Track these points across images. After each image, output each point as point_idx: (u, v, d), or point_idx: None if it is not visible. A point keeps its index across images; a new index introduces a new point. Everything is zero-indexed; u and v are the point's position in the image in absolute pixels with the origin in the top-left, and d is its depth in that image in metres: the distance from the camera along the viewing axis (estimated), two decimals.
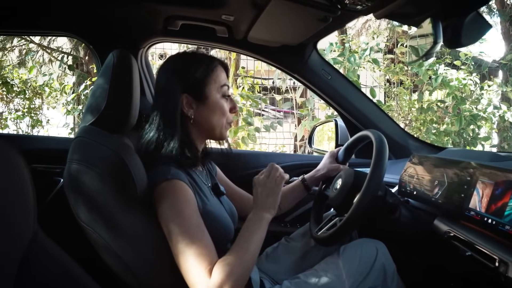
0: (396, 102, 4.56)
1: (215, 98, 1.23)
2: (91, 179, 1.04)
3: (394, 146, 1.84)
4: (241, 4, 1.30)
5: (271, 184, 1.17)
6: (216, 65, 1.26)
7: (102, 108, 1.16)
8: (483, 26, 0.96)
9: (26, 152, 1.70)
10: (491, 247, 0.96)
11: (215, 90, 1.23)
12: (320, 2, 1.12)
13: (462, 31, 0.94)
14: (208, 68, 1.23)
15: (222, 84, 1.25)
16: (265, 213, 1.13)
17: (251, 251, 1.04)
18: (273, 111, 5.96)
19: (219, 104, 1.24)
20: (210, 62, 1.25)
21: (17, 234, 0.70)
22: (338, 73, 1.80)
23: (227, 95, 1.27)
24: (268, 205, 1.15)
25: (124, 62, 1.20)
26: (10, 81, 5.13)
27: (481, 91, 4.06)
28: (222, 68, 1.28)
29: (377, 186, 1.17)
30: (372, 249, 1.30)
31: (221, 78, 1.25)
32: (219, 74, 1.25)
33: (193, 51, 1.30)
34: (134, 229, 1.05)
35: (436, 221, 1.19)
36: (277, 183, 1.18)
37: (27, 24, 1.61)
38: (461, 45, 0.96)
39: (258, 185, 1.19)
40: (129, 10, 1.49)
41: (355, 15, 1.20)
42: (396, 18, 1.09)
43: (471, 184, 1.08)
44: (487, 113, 3.94)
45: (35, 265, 0.73)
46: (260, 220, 1.11)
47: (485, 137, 4.01)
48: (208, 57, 1.27)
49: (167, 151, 1.15)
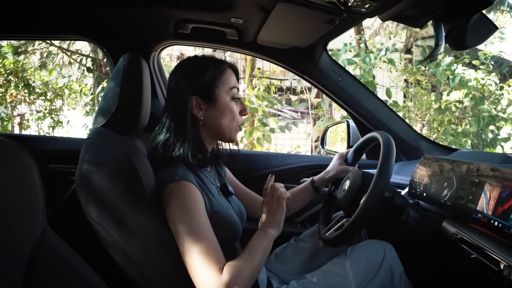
0: (413, 103, 4.51)
1: (224, 100, 1.24)
2: (101, 179, 1.07)
3: (405, 148, 1.83)
4: (249, 7, 1.32)
5: (275, 204, 1.22)
6: (225, 68, 1.27)
7: (113, 110, 1.19)
8: (488, 27, 0.95)
9: (44, 152, 1.79)
10: (497, 250, 0.95)
11: (224, 92, 1.25)
12: (325, 5, 1.13)
13: (467, 32, 0.94)
14: (217, 71, 1.25)
15: (232, 87, 1.26)
16: (271, 229, 1.17)
17: (258, 258, 1.08)
18: (290, 112, 5.96)
19: (228, 106, 1.25)
20: (220, 65, 1.27)
21: (26, 232, 0.73)
22: (349, 75, 1.80)
23: (236, 98, 1.28)
24: (273, 223, 1.19)
25: (134, 66, 1.23)
26: (32, 83, 5.29)
27: (501, 91, 3.98)
28: (231, 71, 1.29)
29: (383, 187, 1.17)
30: (379, 251, 1.31)
31: (230, 81, 1.26)
32: (228, 77, 1.26)
33: (203, 55, 1.31)
34: (142, 228, 1.08)
35: (445, 223, 1.19)
36: (280, 203, 1.22)
37: (45, 29, 1.67)
38: (466, 46, 0.96)
39: (264, 206, 1.25)
40: (141, 14, 1.53)
41: (361, 17, 1.20)
42: (401, 20, 1.09)
43: (479, 186, 1.07)
44: (507, 114, 3.86)
45: (43, 262, 0.75)
46: (265, 236, 1.15)
47: (504, 138, 3.92)
48: (218, 60, 1.29)
49: (176, 152, 1.17)
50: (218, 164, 1.44)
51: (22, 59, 5.36)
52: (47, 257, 0.77)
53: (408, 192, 1.42)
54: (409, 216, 1.25)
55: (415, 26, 1.06)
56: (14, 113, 5.78)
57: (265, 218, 1.22)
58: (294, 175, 1.89)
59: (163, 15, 1.51)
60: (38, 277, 0.75)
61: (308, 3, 1.12)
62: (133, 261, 1.08)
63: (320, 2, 1.10)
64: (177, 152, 1.17)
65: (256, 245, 1.11)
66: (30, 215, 0.74)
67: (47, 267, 0.76)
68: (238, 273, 0.98)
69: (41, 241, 0.76)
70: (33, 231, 0.74)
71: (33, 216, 0.74)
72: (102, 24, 1.63)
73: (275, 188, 1.25)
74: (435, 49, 0.93)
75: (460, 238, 1.09)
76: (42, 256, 0.75)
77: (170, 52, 5.34)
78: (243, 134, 3.95)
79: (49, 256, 0.77)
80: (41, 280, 0.75)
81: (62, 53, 5.33)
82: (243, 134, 3.95)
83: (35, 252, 0.74)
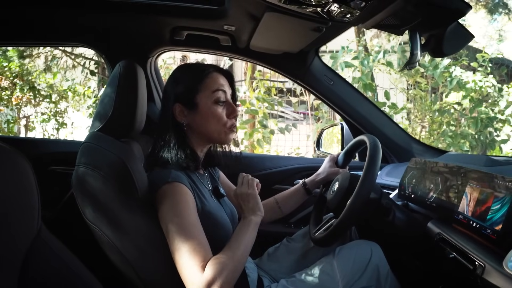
0: (413, 105, 4.53)
1: (206, 105, 1.25)
2: (96, 181, 1.13)
3: (397, 150, 1.87)
4: (240, 16, 1.37)
5: (245, 190, 1.24)
6: (209, 72, 1.27)
7: (109, 115, 1.25)
8: (464, 36, 0.99)
9: (46, 155, 1.85)
10: (473, 250, 0.98)
11: (205, 97, 1.25)
12: (310, 15, 1.17)
13: (444, 41, 0.98)
14: (199, 76, 1.26)
15: (214, 90, 1.26)
16: (252, 216, 1.20)
17: (241, 251, 1.10)
18: (292, 113, 5.98)
19: (210, 111, 1.26)
20: (202, 70, 1.27)
21: (22, 231, 0.77)
22: (341, 79, 1.84)
23: (221, 101, 1.27)
24: (251, 208, 1.22)
25: (130, 72, 1.28)
26: (37, 86, 5.36)
27: (500, 92, 3.99)
28: (218, 74, 1.29)
29: (369, 189, 1.20)
30: (366, 251, 1.34)
31: (213, 85, 1.26)
32: (211, 81, 1.26)
33: (191, 62, 1.34)
34: (136, 228, 1.13)
35: (430, 223, 1.22)
36: (250, 186, 1.25)
37: (44, 36, 1.73)
38: (444, 54, 1.00)
39: (236, 196, 1.27)
40: (138, 22, 1.58)
41: (346, 25, 1.24)
42: (383, 28, 1.13)
43: (462, 188, 1.11)
44: (505, 115, 3.87)
45: (38, 260, 0.80)
46: (248, 224, 1.18)
47: (503, 140, 3.93)
48: (202, 65, 1.30)
49: (164, 156, 1.23)
50: (212, 167, 1.47)
51: (27, 62, 5.43)
52: (42, 255, 0.81)
53: (398, 193, 1.45)
54: (395, 217, 1.28)
55: (397, 34, 1.10)
56: (20, 115, 5.86)
57: (242, 207, 1.24)
58: (289, 176, 1.93)
59: (158, 23, 1.56)
60: (33, 274, 0.79)
61: (294, 12, 1.16)
62: (127, 261, 1.13)
63: (306, 12, 1.14)
64: (164, 156, 1.22)
65: (238, 236, 1.14)
66: (26, 215, 0.79)
67: (42, 265, 0.81)
68: (220, 270, 1.01)
69: (37, 240, 0.80)
70: (28, 230, 0.79)
71: (29, 216, 0.79)
72: (101, 32, 1.68)
73: (243, 175, 1.28)
74: (411, 57, 0.98)
75: (442, 239, 1.13)
76: (37, 254, 0.80)
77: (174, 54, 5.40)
78: (243, 136, 3.99)
79: (44, 255, 0.82)
80: (36, 277, 0.79)
81: (66, 57, 5.41)
82: (243, 135, 3.98)
83: (31, 250, 0.78)
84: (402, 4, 0.90)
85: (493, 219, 0.95)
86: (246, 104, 4.06)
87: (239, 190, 1.26)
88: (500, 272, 0.87)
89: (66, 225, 1.39)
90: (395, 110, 3.71)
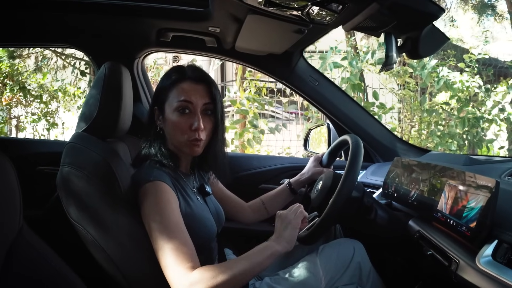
0: (402, 105, 4.57)
1: (169, 114, 1.23)
2: (80, 180, 1.14)
3: (382, 149, 1.89)
4: (223, 18, 1.39)
5: (291, 215, 1.22)
6: (180, 79, 1.23)
7: (94, 116, 1.26)
8: (440, 38, 1.02)
9: (34, 155, 1.85)
10: (449, 247, 1.01)
11: (170, 107, 1.23)
12: (291, 17, 1.19)
13: (420, 43, 1.01)
14: (171, 83, 1.24)
15: (180, 100, 1.20)
16: (277, 245, 1.16)
17: (245, 269, 1.07)
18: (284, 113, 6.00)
19: (171, 120, 1.23)
20: (176, 75, 1.24)
21: (4, 228, 0.79)
22: (326, 80, 1.86)
23: (186, 112, 1.21)
24: (283, 236, 1.19)
25: (115, 74, 1.30)
26: (27, 86, 5.34)
27: (487, 93, 4.05)
28: (191, 83, 1.23)
29: (351, 187, 1.22)
30: (349, 249, 1.36)
31: (180, 94, 1.21)
32: (180, 90, 1.22)
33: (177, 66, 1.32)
34: (119, 227, 1.14)
35: (411, 221, 1.24)
36: (296, 216, 1.22)
37: (32, 38, 1.73)
38: (420, 56, 1.03)
39: (279, 218, 1.24)
40: (125, 24, 1.59)
41: (327, 28, 1.27)
42: (362, 30, 1.16)
43: (441, 187, 1.13)
44: (492, 115, 3.92)
45: (19, 257, 0.82)
46: (268, 249, 1.14)
47: (490, 139, 3.99)
48: (178, 71, 1.26)
49: (145, 155, 1.25)
50: (201, 169, 1.44)
51: (17, 62, 5.41)
52: (24, 254, 0.83)
53: (382, 192, 1.48)
54: (377, 216, 1.30)
55: (376, 36, 1.13)
56: (10, 115, 5.83)
57: (277, 231, 1.21)
58: (275, 176, 1.94)
59: (144, 25, 1.58)
60: (16, 272, 0.81)
61: (276, 15, 1.18)
62: (112, 259, 1.14)
63: (286, 14, 1.17)
64: (146, 154, 1.25)
65: (252, 256, 1.11)
66: (8, 213, 0.80)
67: (23, 261, 0.82)
68: (207, 279, 1.00)
69: (18, 237, 0.82)
70: (11, 227, 0.81)
71: (11, 214, 0.81)
72: (87, 33, 1.69)
73: (298, 205, 1.27)
74: (387, 59, 1.00)
75: (422, 236, 1.15)
76: (19, 253, 0.82)
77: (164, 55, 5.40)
78: (234, 136, 4.00)
79: (26, 254, 0.84)
80: (18, 272, 0.81)
81: (56, 57, 5.39)
82: (234, 135, 4.00)
83: (13, 247, 0.80)
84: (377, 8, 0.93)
85: (468, 216, 0.98)
86: (237, 104, 4.07)
87: (284, 213, 1.24)
88: (472, 268, 0.90)
89: (53, 224, 1.40)
90: (384, 110, 3.75)
